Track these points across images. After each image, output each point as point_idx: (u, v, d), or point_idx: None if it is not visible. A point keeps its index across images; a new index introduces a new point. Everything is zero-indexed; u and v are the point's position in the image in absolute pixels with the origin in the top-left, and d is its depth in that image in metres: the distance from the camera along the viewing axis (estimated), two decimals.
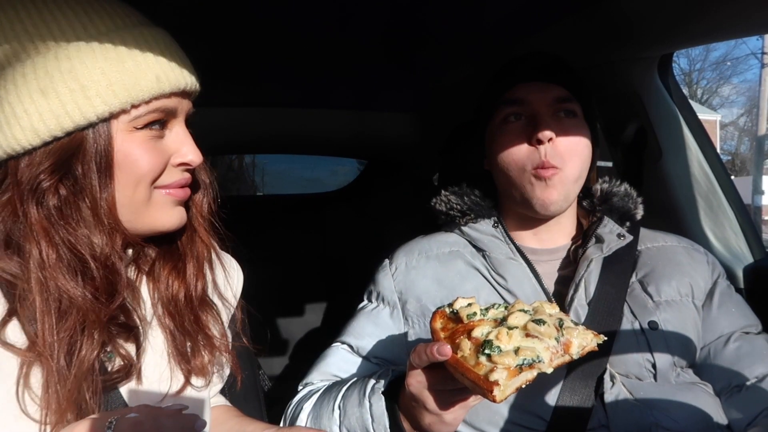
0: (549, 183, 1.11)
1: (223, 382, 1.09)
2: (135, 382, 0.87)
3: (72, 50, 0.77)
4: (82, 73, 0.76)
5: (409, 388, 0.89)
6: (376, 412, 0.97)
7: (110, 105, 0.77)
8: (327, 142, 2.53)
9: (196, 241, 0.96)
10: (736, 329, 1.14)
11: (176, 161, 0.86)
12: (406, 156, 2.54)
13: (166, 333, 0.92)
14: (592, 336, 0.83)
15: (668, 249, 1.23)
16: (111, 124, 0.79)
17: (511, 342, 0.79)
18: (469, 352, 0.80)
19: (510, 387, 0.76)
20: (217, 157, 4.33)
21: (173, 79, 0.82)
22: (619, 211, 1.22)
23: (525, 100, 1.15)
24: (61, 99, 0.76)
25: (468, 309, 0.87)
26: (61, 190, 0.79)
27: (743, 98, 30.91)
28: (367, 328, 1.22)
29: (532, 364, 0.77)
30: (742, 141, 30.52)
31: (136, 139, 0.81)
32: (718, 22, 1.23)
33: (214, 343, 0.96)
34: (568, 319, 0.85)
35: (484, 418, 1.08)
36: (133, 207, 0.84)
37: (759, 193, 15.98)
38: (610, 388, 1.06)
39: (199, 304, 0.95)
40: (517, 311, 0.84)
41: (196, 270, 0.95)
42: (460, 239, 1.26)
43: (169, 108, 0.84)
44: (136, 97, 0.79)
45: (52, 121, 0.76)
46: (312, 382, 1.19)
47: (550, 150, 1.11)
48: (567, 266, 1.21)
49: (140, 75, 0.79)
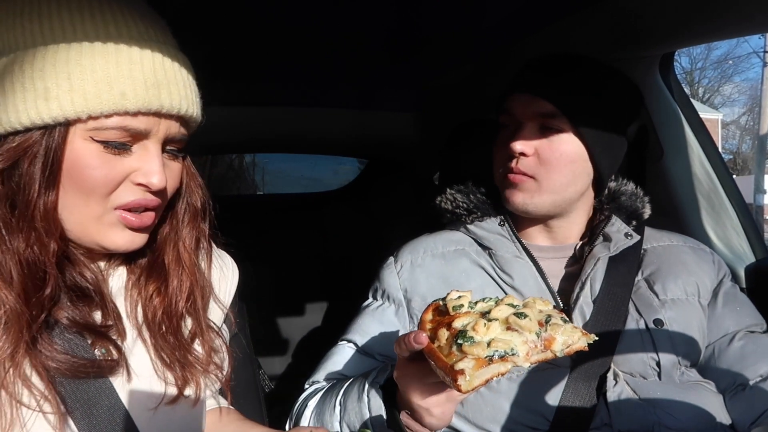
0: (517, 186, 1.16)
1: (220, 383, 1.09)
2: (126, 377, 0.86)
3: (50, 50, 0.76)
4: (49, 75, 0.75)
5: (397, 381, 0.90)
6: (373, 406, 0.98)
7: (65, 111, 0.76)
8: (327, 142, 2.53)
9: (180, 266, 0.93)
10: (740, 328, 1.14)
11: (136, 180, 0.82)
12: (407, 155, 2.54)
13: (148, 345, 0.90)
14: (581, 334, 0.81)
15: (674, 248, 1.24)
16: (68, 130, 0.77)
17: (488, 334, 0.78)
18: (444, 342, 0.79)
19: (478, 378, 0.74)
20: (217, 156, 4.34)
21: (142, 99, 0.78)
22: (627, 210, 1.23)
23: (512, 111, 1.18)
24: (24, 95, 0.75)
25: (456, 301, 0.86)
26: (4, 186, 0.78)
27: (745, 97, 30.92)
28: (373, 326, 1.22)
29: (505, 356, 0.76)
30: (744, 140, 30.55)
31: (90, 149, 0.78)
32: (720, 21, 1.23)
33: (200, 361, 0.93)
34: (558, 316, 0.84)
35: (487, 416, 1.08)
36: (82, 218, 0.81)
37: (761, 192, 15.98)
38: (613, 387, 1.06)
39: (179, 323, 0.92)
40: (504, 305, 0.83)
41: (179, 292, 0.92)
42: (465, 237, 1.26)
43: (135, 128, 0.79)
44: (94, 110, 0.76)
45: (13, 114, 0.76)
46: (318, 380, 1.20)
47: (523, 161, 1.15)
48: (573, 264, 1.21)
49: (105, 88, 0.76)
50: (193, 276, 0.94)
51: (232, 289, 1.07)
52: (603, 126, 1.16)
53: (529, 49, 1.55)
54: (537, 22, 1.45)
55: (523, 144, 1.14)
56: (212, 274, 1.01)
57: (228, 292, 1.06)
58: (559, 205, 1.18)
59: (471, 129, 1.70)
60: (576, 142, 1.15)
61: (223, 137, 2.33)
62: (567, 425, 1.04)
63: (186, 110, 0.84)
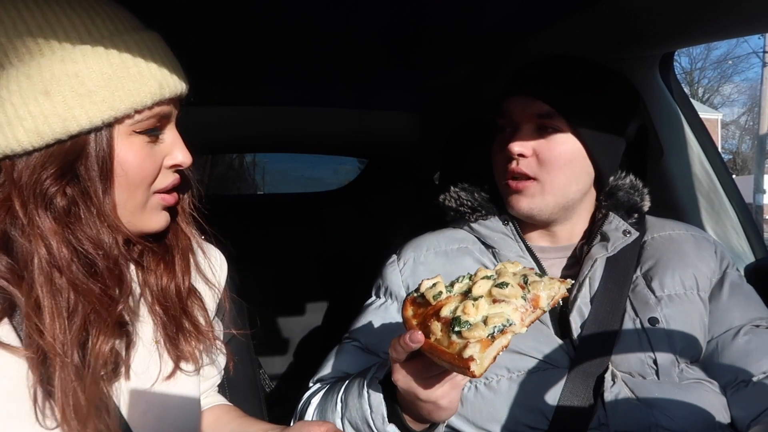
0: (520, 192, 1.17)
1: (219, 374, 1.10)
2: (123, 378, 0.87)
3: (78, 53, 0.77)
4: (88, 78, 0.76)
5: (397, 384, 0.89)
6: (374, 402, 0.98)
7: (116, 110, 0.78)
8: (327, 141, 2.53)
9: (180, 236, 0.98)
10: (746, 322, 1.12)
11: (168, 163, 0.88)
12: (407, 155, 2.54)
13: (156, 322, 0.93)
14: (559, 283, 0.82)
15: (675, 238, 1.23)
16: (113, 129, 0.80)
17: (479, 312, 0.78)
18: (441, 334, 0.79)
19: (486, 358, 0.75)
20: (217, 156, 4.34)
21: (172, 85, 0.84)
22: (626, 206, 1.22)
23: (509, 113, 1.19)
24: (67, 102, 0.76)
25: (433, 290, 0.85)
26: (68, 191, 0.80)
27: (744, 97, 30.94)
28: (376, 323, 1.22)
29: (504, 329, 0.76)
30: (744, 140, 30.53)
31: (134, 144, 0.82)
32: (720, 21, 1.23)
33: (201, 330, 0.97)
34: (532, 273, 0.84)
35: (487, 416, 1.08)
36: (129, 210, 0.85)
37: (760, 191, 15.97)
38: (610, 387, 1.06)
39: (186, 296, 0.96)
40: (480, 280, 0.83)
41: (183, 263, 0.97)
42: (468, 236, 1.26)
43: (166, 113, 0.86)
44: (140, 103, 0.80)
45: (58, 124, 0.76)
46: (322, 379, 1.20)
47: (524, 162, 1.15)
48: (574, 265, 1.21)
49: (143, 81, 0.80)
50: (191, 242, 0.99)
51: (222, 279, 1.09)
52: (600, 125, 1.17)
53: (528, 50, 1.55)
54: (537, 23, 1.45)
55: (521, 145, 1.15)
56: (202, 262, 1.03)
57: (218, 280, 1.07)
58: (562, 207, 1.18)
59: (471, 129, 1.70)
60: (574, 141, 1.15)
61: (224, 137, 2.33)
62: (566, 425, 1.04)
63: (187, 89, 0.89)
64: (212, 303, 1.05)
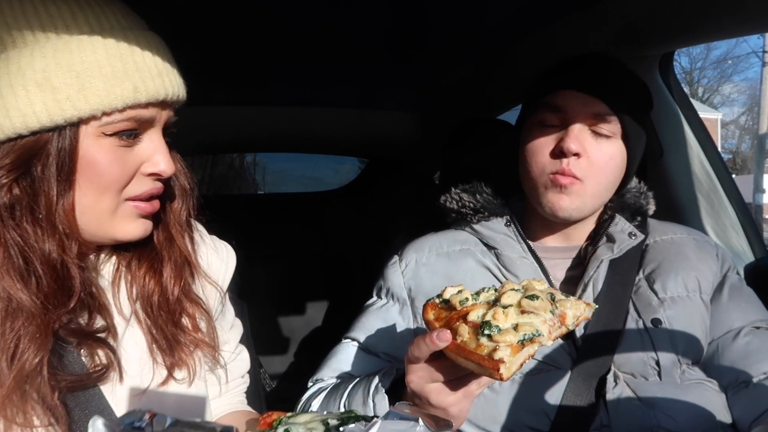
0: (564, 190, 1.12)
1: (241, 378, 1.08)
2: (117, 380, 0.85)
3: (49, 48, 0.74)
4: (55, 74, 0.73)
5: (410, 385, 0.88)
6: (379, 411, 0.97)
7: (80, 110, 0.74)
8: (328, 141, 2.53)
9: (173, 247, 0.93)
10: (746, 324, 1.12)
11: (147, 170, 0.83)
12: (408, 154, 2.54)
13: (143, 329, 0.89)
14: (585, 305, 0.84)
15: (677, 241, 1.23)
16: (79, 129, 0.76)
17: (508, 320, 0.79)
18: (468, 336, 0.80)
19: (515, 363, 0.76)
20: (218, 156, 4.35)
21: (152, 90, 0.79)
22: (631, 208, 1.22)
23: (564, 108, 1.13)
24: (30, 98, 0.73)
25: (459, 296, 0.87)
26: (15, 189, 0.75)
27: (744, 97, 30.91)
28: (377, 324, 1.22)
29: (533, 338, 0.78)
30: (743, 139, 30.53)
31: (103, 145, 0.78)
32: (720, 21, 1.23)
33: (195, 339, 0.93)
34: (558, 292, 0.86)
35: (489, 417, 1.08)
36: (96, 215, 0.80)
37: (760, 191, 15.98)
38: (612, 388, 1.06)
39: (176, 305, 0.92)
40: (509, 291, 0.84)
41: (174, 273, 0.92)
42: (470, 237, 1.25)
43: (145, 118, 0.80)
44: (109, 105, 0.75)
45: (18, 118, 0.73)
46: (322, 379, 1.20)
47: (574, 162, 1.11)
48: (578, 265, 1.21)
49: (116, 83, 0.75)
50: (187, 253, 0.95)
51: (227, 273, 1.06)
52: (640, 130, 1.16)
53: (528, 49, 1.55)
54: (537, 22, 1.46)
55: (577, 145, 1.10)
56: (200, 253, 1.00)
57: (221, 273, 1.04)
58: (591, 210, 1.17)
59: (471, 128, 1.70)
60: (621, 145, 1.14)
61: (224, 137, 2.33)
62: (568, 426, 1.04)
63: (181, 95, 0.85)
64: (217, 303, 1.02)
